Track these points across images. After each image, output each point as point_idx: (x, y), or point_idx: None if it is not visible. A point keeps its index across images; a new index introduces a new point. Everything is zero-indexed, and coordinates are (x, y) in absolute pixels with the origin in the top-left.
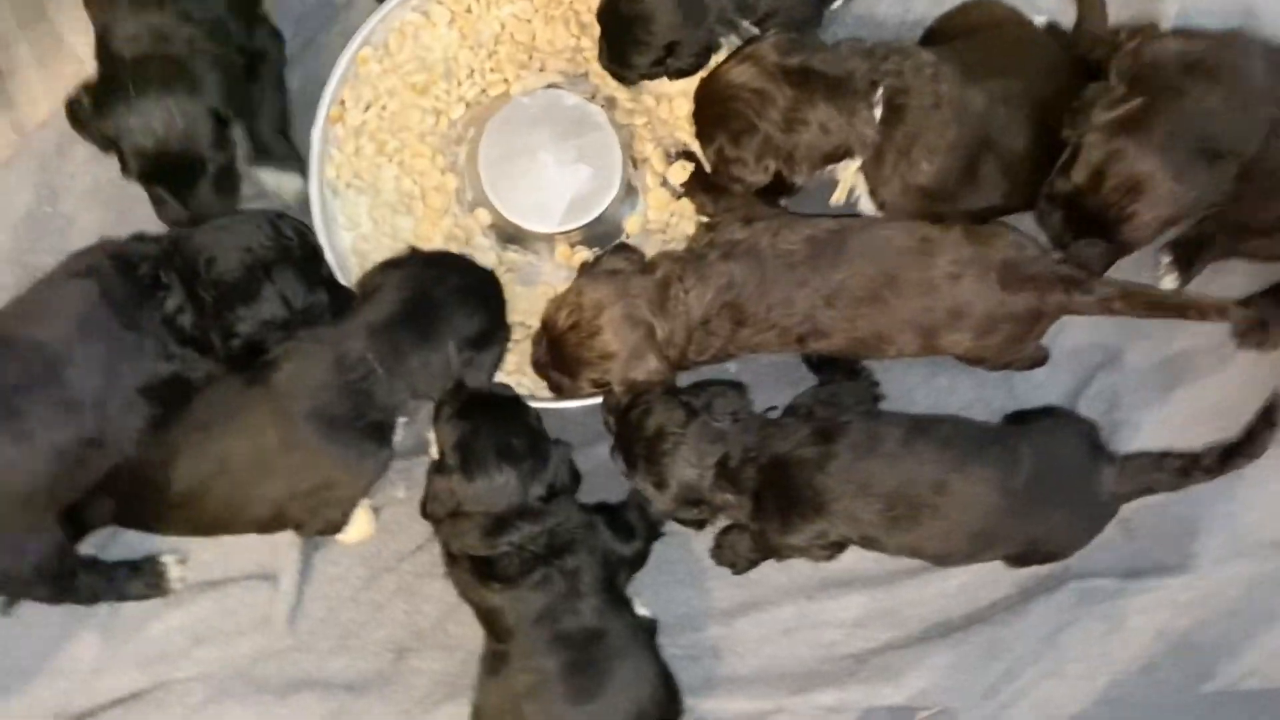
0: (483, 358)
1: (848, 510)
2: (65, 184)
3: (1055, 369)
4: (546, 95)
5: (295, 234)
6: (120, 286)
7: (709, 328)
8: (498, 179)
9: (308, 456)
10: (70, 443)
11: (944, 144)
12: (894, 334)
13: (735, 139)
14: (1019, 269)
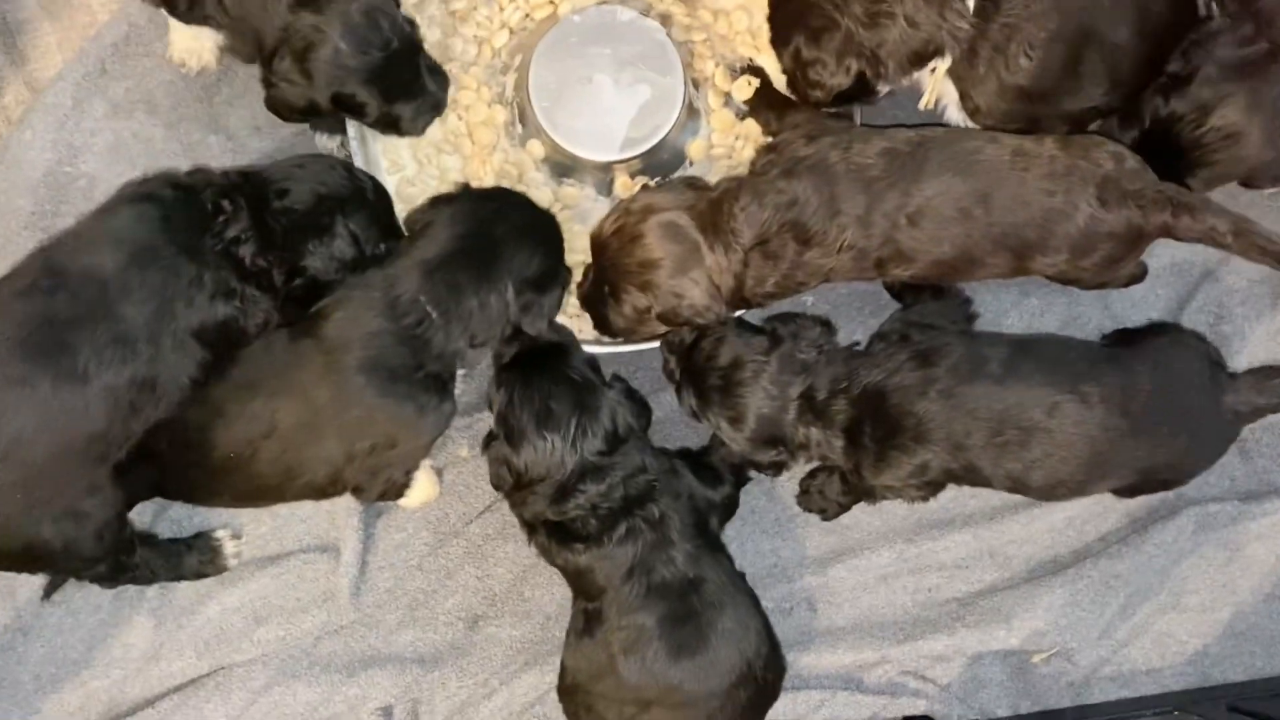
0: (543, 301)
1: (952, 437)
2: (85, 141)
3: (1154, 283)
4: (598, 12)
5: (369, 180)
6: (181, 212)
7: (768, 249)
8: (552, 107)
9: (364, 413)
10: (124, 384)
11: (1044, 36)
12: (984, 256)
13: (814, 37)
14: (1120, 184)
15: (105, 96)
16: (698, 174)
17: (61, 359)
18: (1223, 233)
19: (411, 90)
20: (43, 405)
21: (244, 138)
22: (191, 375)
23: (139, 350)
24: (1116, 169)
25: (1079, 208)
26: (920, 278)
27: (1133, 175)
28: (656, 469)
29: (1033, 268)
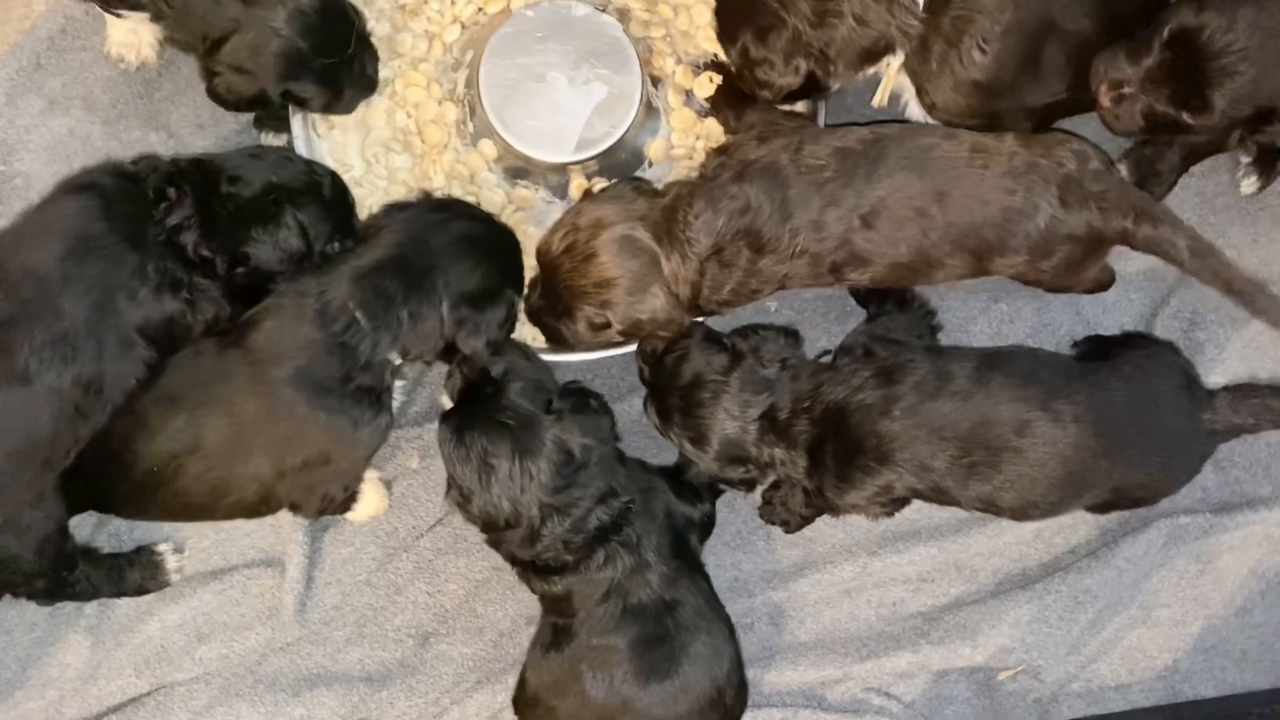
0: (480, 319)
1: (917, 458)
2: (20, 139)
3: (1127, 288)
4: (552, 7)
5: (329, 176)
6: (123, 201)
7: (723, 258)
8: (503, 105)
9: (294, 427)
10: (68, 386)
11: (999, 28)
12: (942, 257)
13: (761, 36)
14: (1082, 185)
15: (41, 92)
16: (657, 174)
17: (1, 361)
18: (1179, 248)
19: (352, 77)
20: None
21: (185, 135)
22: (138, 376)
23: (81, 348)
24: (1079, 169)
25: (1039, 207)
26: (879, 281)
27: (1096, 176)
28: (630, 488)
29: (992, 269)
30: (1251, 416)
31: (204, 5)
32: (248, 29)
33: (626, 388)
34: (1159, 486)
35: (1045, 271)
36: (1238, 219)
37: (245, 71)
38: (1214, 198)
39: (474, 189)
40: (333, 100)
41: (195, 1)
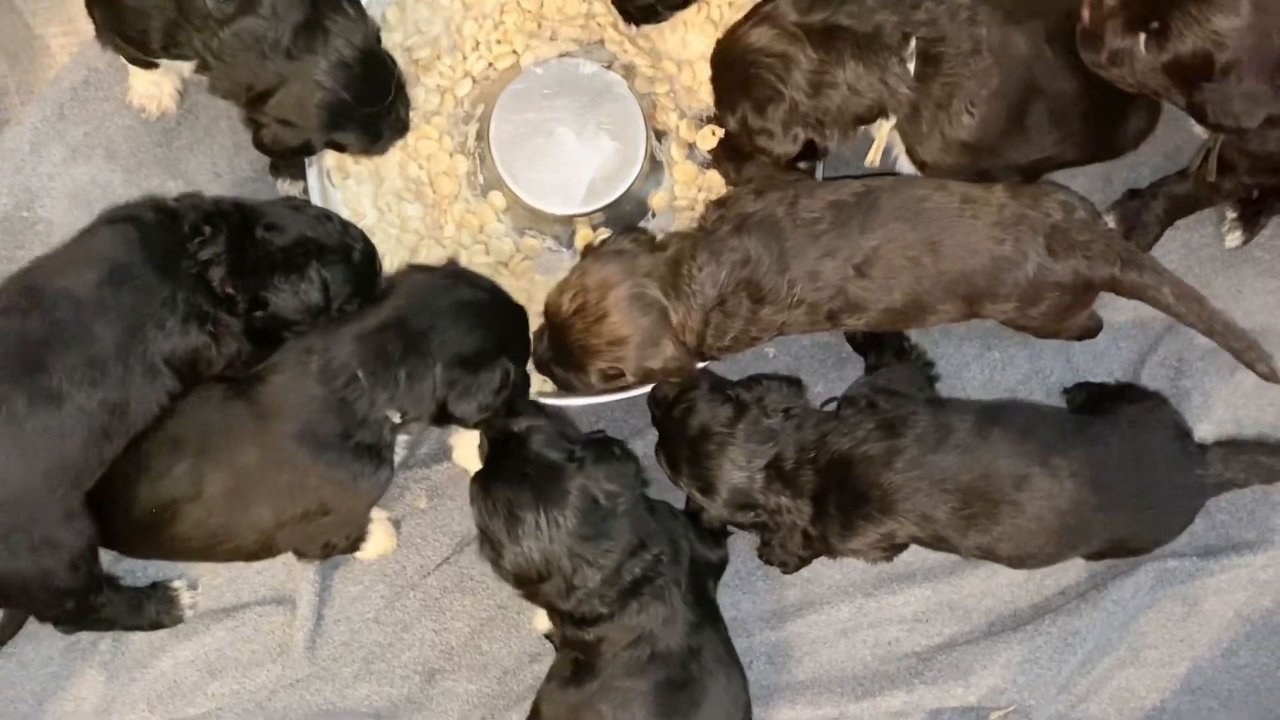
0: (471, 382)
1: (918, 509)
2: (43, 186)
3: (1116, 336)
4: (560, 64)
5: (362, 242)
6: (160, 233)
7: (725, 308)
8: (512, 159)
9: (295, 478)
10: (96, 406)
11: (986, 93)
12: (935, 303)
13: (759, 108)
14: (1068, 235)
15: (64, 141)
16: (660, 224)
17: (36, 379)
18: (1164, 293)
19: (390, 122)
20: (18, 427)
21: (203, 182)
22: (161, 403)
23: (110, 371)
24: (1065, 219)
25: (1028, 256)
26: (874, 326)
27: (1081, 226)
28: (659, 538)
29: (983, 313)
30: (1242, 472)
31: (249, 58)
32: (292, 82)
33: (630, 430)
34: (1152, 538)
35: (1034, 318)
36: (1222, 271)
37: (291, 124)
38: (1199, 249)
39: (483, 238)
40: (371, 145)
41: (241, 54)
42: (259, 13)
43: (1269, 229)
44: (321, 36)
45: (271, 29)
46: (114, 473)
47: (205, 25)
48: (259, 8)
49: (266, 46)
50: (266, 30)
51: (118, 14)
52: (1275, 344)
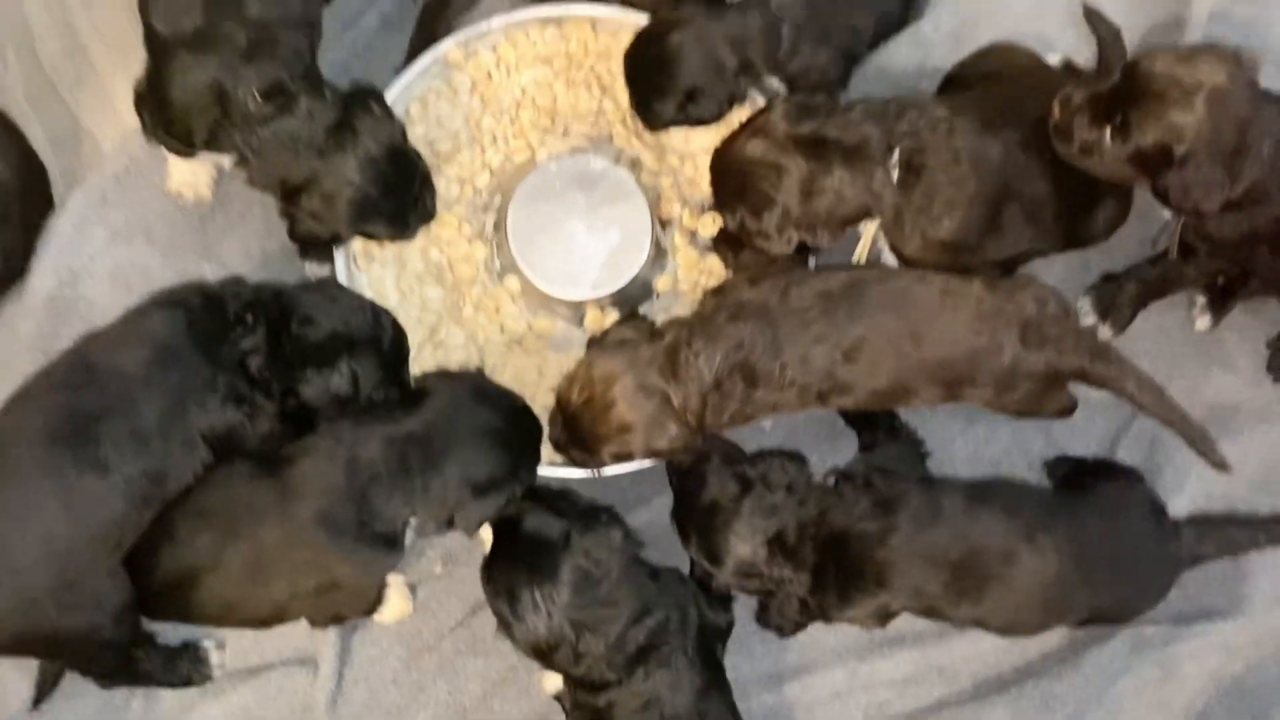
0: (476, 506)
1: (911, 584)
2: (85, 266)
3: (1092, 413)
4: (573, 161)
5: (392, 329)
6: (205, 319)
7: (722, 390)
8: (528, 248)
9: (312, 556)
10: (139, 475)
11: (963, 198)
12: (917, 387)
13: (756, 213)
14: (1041, 328)
15: (106, 225)
16: (664, 305)
17: (85, 449)
18: (1129, 386)
19: (416, 212)
20: (68, 492)
21: (236, 264)
22: (196, 473)
23: (153, 445)
24: (1039, 313)
25: (1004, 347)
26: (860, 405)
27: (1054, 320)
28: (664, 602)
29: (963, 397)
30: (1214, 546)
31: (284, 155)
32: (324, 179)
33: (635, 498)
34: (1131, 609)
35: (1009, 403)
36: (1192, 352)
37: (321, 219)
38: (1170, 331)
39: (499, 319)
40: (399, 234)
41: (277, 151)
42: (295, 114)
43: (1236, 313)
44: (351, 136)
45: (306, 129)
46: (142, 538)
47: (245, 124)
48: (295, 109)
49: (301, 145)
50: (301, 130)
51: (166, 114)
52: (1245, 421)
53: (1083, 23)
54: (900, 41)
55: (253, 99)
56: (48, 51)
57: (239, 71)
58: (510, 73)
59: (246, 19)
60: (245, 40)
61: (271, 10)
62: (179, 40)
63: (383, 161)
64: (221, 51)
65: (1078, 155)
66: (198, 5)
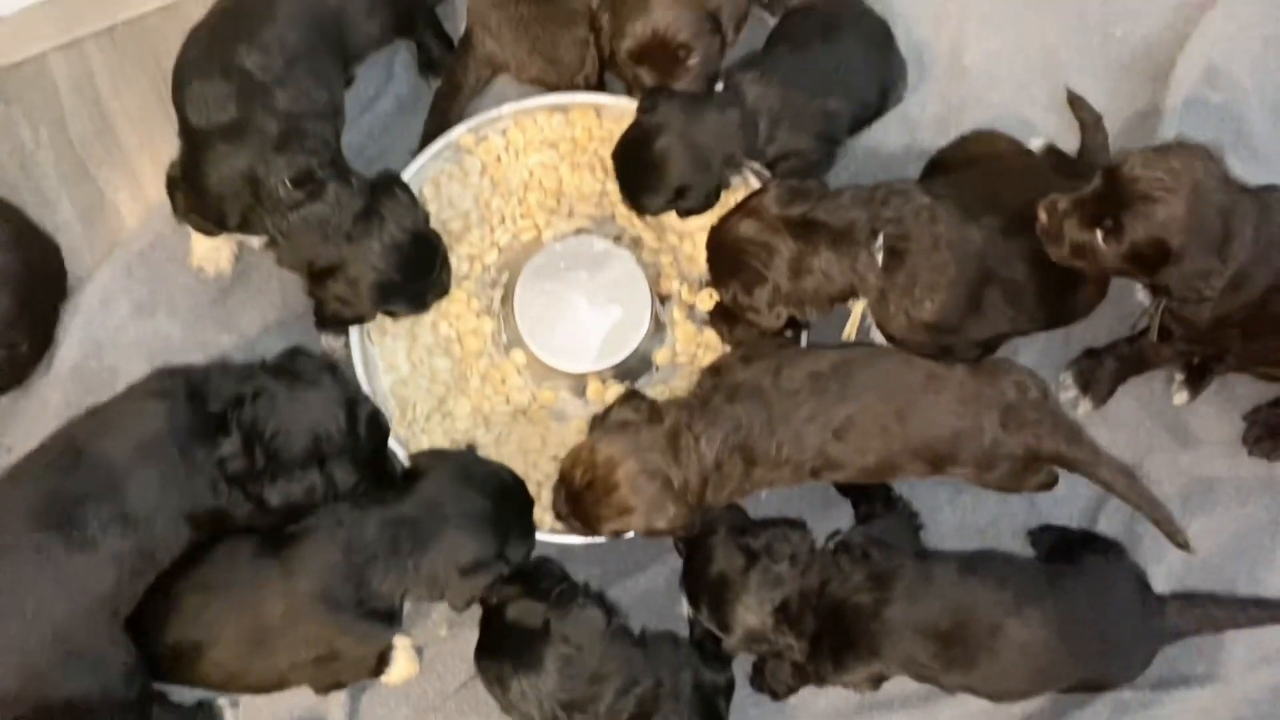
0: (463, 586)
1: (904, 653)
2: (110, 338)
3: (1076, 483)
4: (578, 241)
5: (367, 426)
6: (186, 418)
7: (723, 471)
8: (534, 323)
9: (312, 631)
10: (127, 551)
11: (945, 281)
12: (903, 464)
13: (747, 288)
14: (1021, 413)
15: (130, 297)
16: (662, 377)
17: (73, 530)
18: (1101, 471)
19: (434, 289)
20: (59, 570)
21: (254, 336)
22: (184, 548)
23: (139, 526)
24: (1019, 398)
25: (984, 429)
26: (851, 479)
27: (1033, 405)
28: (652, 668)
29: (946, 473)
30: (1195, 622)
31: (312, 238)
32: (350, 264)
33: (633, 564)
34: (1114, 679)
35: (990, 480)
36: (1170, 425)
37: (345, 302)
38: (1149, 404)
39: (504, 390)
40: (418, 311)
41: (305, 234)
42: (323, 200)
43: (1213, 388)
44: (378, 222)
45: (334, 215)
46: (148, 609)
47: (276, 209)
48: (323, 196)
49: (329, 230)
50: (329, 216)
51: (202, 199)
52: (1222, 492)
53: (1064, 108)
54: (889, 124)
55: (283, 186)
56: (78, 130)
57: (270, 160)
58: (519, 156)
59: (276, 111)
60: (276, 131)
61: (300, 103)
62: (214, 131)
63: (406, 247)
64: (254, 142)
65: (1069, 257)
66: (231, 99)
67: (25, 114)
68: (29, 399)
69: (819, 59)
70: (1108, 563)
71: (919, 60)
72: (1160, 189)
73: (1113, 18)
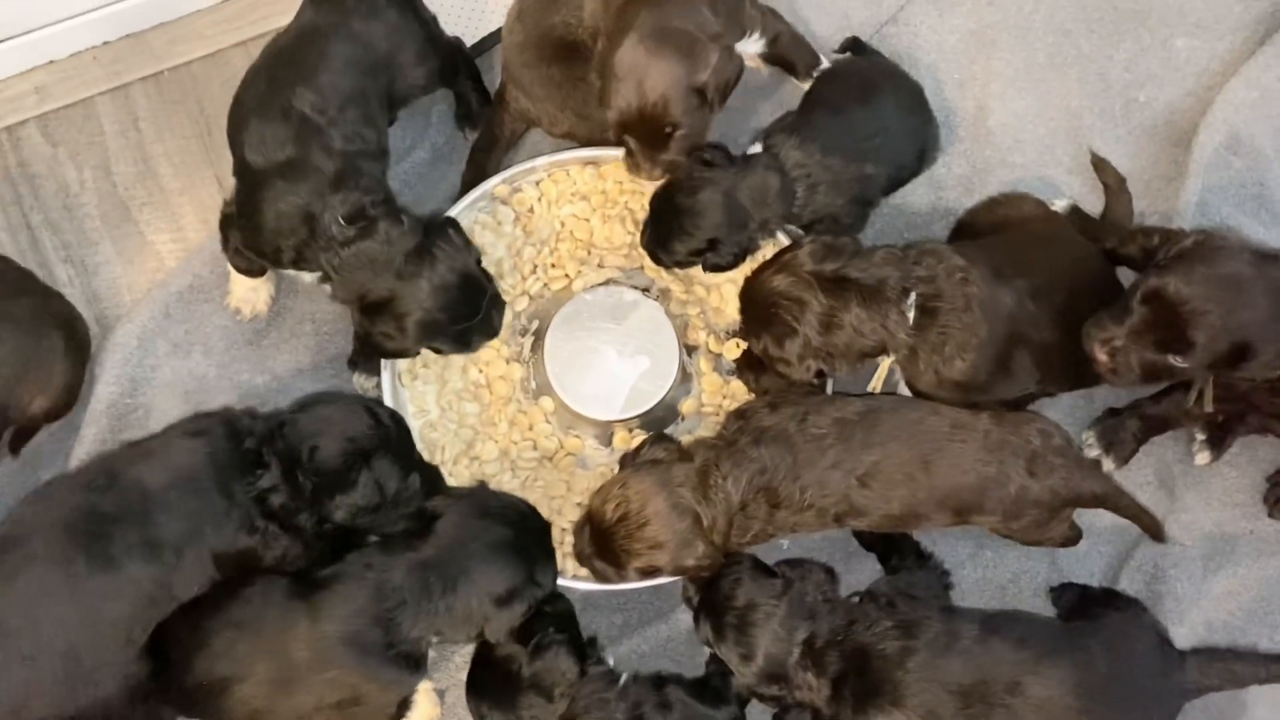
0: (501, 616)
1: (925, 705)
2: (146, 376)
3: (1096, 541)
4: (608, 292)
5: (391, 421)
6: (225, 454)
7: (747, 511)
8: (563, 371)
9: (338, 676)
10: (147, 578)
11: (975, 342)
12: (929, 512)
13: (778, 341)
14: (1045, 459)
15: (167, 337)
16: (688, 427)
17: (97, 545)
18: (1123, 507)
19: (481, 330)
20: (78, 586)
21: (287, 378)
22: (201, 586)
23: (164, 557)
24: (1044, 445)
25: (1010, 478)
26: (874, 528)
27: (1058, 451)
28: (630, 707)
29: (971, 522)
30: (1216, 678)
31: (364, 274)
32: (398, 300)
33: (655, 612)
34: None
35: (1016, 529)
36: (1193, 485)
37: (391, 337)
38: (1172, 465)
39: (532, 435)
40: (462, 350)
41: (357, 269)
42: (374, 238)
43: (1235, 449)
44: (429, 261)
45: (384, 251)
46: (177, 643)
47: (330, 245)
48: (374, 233)
49: (380, 266)
50: (379, 253)
51: (258, 236)
52: (1243, 553)
53: (1088, 170)
54: (916, 183)
55: (337, 223)
56: (121, 173)
57: (327, 197)
58: (551, 207)
59: (333, 150)
60: (333, 170)
61: (353, 143)
62: (273, 170)
63: (454, 288)
64: (312, 179)
65: (1142, 381)
66: (290, 139)
67: (71, 155)
68: (64, 432)
69: (857, 124)
70: (1127, 620)
71: (946, 122)
72: (1212, 301)
73: (1136, 83)
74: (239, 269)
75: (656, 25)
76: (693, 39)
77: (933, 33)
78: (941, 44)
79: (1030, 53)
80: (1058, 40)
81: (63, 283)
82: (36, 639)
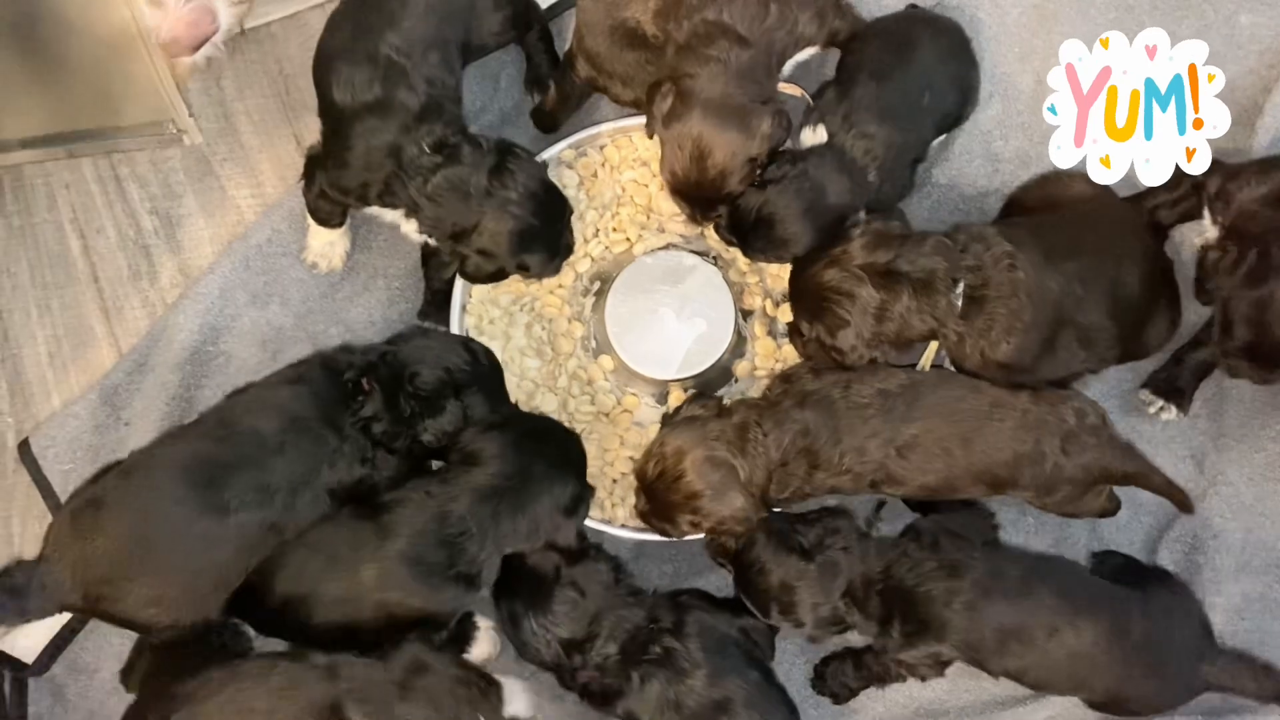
0: (571, 521)
1: (967, 640)
2: (227, 325)
3: (1138, 511)
4: (667, 255)
5: (486, 359)
6: (327, 390)
7: (787, 469)
8: (623, 331)
9: (400, 595)
10: (255, 525)
11: (1021, 325)
12: (964, 485)
13: (831, 333)
14: (1079, 438)
15: (246, 288)
16: (741, 388)
17: (210, 491)
18: (1155, 482)
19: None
20: (187, 524)
21: (360, 329)
22: (311, 521)
23: (276, 500)
24: (1079, 424)
25: (1045, 455)
26: (910, 496)
27: (1092, 430)
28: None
29: (1007, 494)
30: (1240, 684)
31: (453, 198)
32: (489, 218)
33: (704, 564)
34: (1148, 704)
35: (1049, 504)
36: (1235, 461)
37: (488, 254)
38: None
39: (590, 391)
40: (547, 265)
41: (447, 194)
42: (461, 161)
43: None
44: (509, 175)
45: (471, 174)
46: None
47: (419, 174)
48: (460, 157)
49: (470, 188)
50: (468, 175)
51: (345, 171)
52: None
53: None
54: (973, 157)
55: (425, 153)
56: (205, 130)
57: (412, 132)
58: (613, 172)
59: (416, 90)
60: (417, 106)
61: (435, 86)
62: (360, 108)
63: (540, 194)
64: (398, 115)
65: None
66: (377, 79)
67: None
68: (147, 378)
69: (904, 87)
70: (1175, 600)
71: (1004, 95)
72: None
73: None
74: (318, 218)
75: (719, 102)
76: (748, 112)
77: (994, 5)
78: (1003, 18)
79: (1092, 27)
80: (1120, 15)
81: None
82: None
